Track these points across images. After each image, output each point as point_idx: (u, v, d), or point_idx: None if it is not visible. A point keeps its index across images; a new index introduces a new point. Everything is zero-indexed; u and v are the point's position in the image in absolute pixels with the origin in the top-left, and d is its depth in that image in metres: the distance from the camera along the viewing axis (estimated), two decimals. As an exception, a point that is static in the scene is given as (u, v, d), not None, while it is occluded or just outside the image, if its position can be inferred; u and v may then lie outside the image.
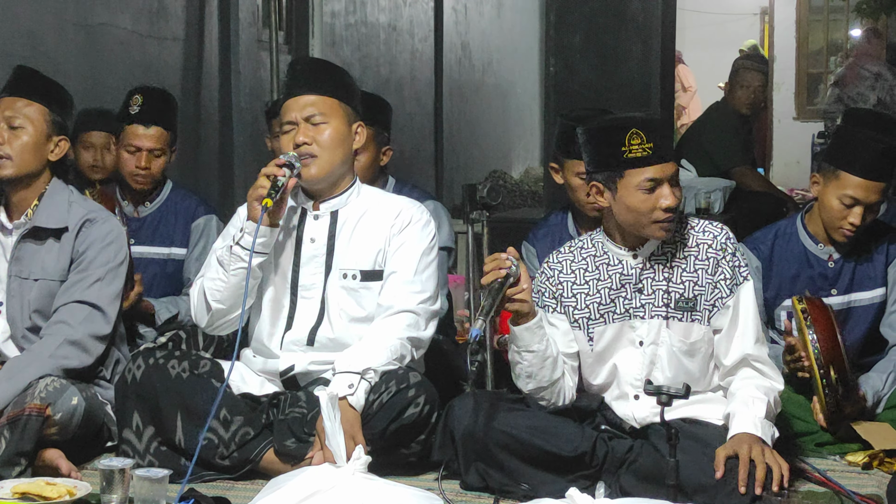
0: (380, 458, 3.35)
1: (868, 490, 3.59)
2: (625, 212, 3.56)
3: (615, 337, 3.64)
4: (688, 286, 3.60)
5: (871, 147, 4.17)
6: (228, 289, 3.75)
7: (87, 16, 6.73)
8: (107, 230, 3.96)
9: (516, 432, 3.53)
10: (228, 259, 3.72)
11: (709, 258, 3.61)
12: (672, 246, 3.64)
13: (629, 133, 3.50)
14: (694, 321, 3.60)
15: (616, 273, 3.65)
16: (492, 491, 3.54)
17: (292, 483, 2.89)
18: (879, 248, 4.33)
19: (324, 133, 3.78)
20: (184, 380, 3.74)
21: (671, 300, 3.60)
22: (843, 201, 4.17)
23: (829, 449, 4.03)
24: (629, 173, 3.51)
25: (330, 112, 3.81)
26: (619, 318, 3.63)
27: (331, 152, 3.79)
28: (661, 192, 3.51)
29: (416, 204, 3.99)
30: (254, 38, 8.39)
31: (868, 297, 4.34)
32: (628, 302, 3.63)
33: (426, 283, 3.84)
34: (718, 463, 3.31)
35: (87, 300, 3.88)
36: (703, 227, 3.66)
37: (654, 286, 3.62)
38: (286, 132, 3.81)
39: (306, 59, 4.01)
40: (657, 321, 3.61)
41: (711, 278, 3.60)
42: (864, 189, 4.14)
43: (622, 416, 3.65)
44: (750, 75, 7.57)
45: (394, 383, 3.67)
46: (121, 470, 3.31)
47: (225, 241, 3.83)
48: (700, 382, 3.62)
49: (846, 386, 3.97)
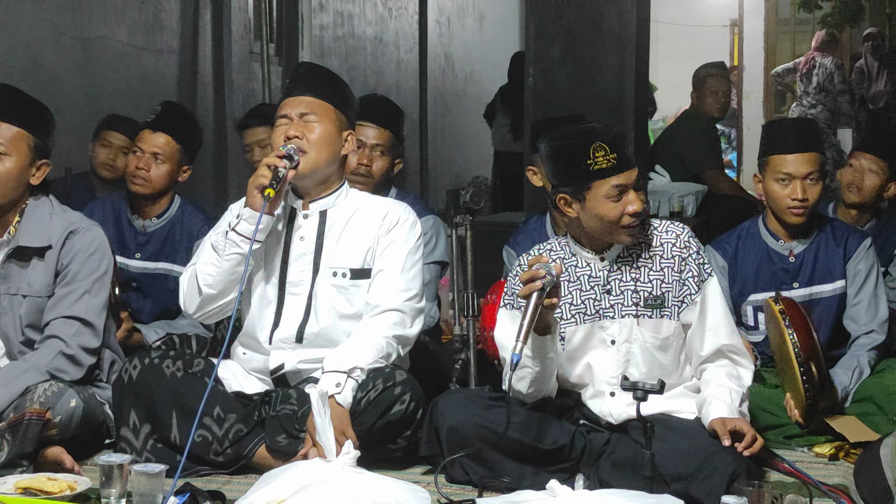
0: (368, 453, 3.35)
1: (835, 480, 3.60)
2: (594, 220, 3.56)
3: (586, 337, 3.64)
4: (655, 284, 3.61)
5: (786, 124, 4.35)
6: (221, 273, 3.74)
7: (84, 29, 6.72)
8: (89, 240, 3.90)
9: (498, 426, 3.53)
10: (223, 244, 3.71)
11: (674, 256, 3.62)
12: (638, 247, 3.64)
13: (593, 146, 3.50)
14: (664, 317, 3.61)
15: (585, 275, 3.65)
16: (475, 484, 3.53)
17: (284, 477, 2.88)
18: (838, 243, 4.39)
19: (314, 131, 3.79)
20: (178, 379, 3.73)
21: (640, 299, 3.61)
22: (780, 180, 4.29)
23: (797, 441, 4.05)
24: (596, 184, 3.51)
25: (323, 114, 3.81)
26: (590, 319, 3.63)
27: (318, 150, 3.79)
28: (628, 198, 3.52)
29: (403, 205, 3.99)
30: (246, 50, 8.40)
31: (829, 290, 4.39)
32: (598, 303, 3.63)
33: (412, 282, 3.84)
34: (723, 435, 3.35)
35: (76, 315, 3.84)
36: (665, 227, 3.68)
37: (622, 287, 3.62)
38: (279, 125, 3.82)
39: (310, 64, 4.03)
40: (628, 320, 3.61)
41: (678, 276, 3.61)
42: (792, 163, 4.27)
43: (599, 413, 3.64)
44: (716, 81, 7.60)
45: (381, 381, 3.67)
46: (119, 466, 3.31)
47: (218, 230, 3.82)
48: (673, 375, 3.63)
49: (823, 382, 4.00)
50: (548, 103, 5.80)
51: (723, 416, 3.44)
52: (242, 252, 3.69)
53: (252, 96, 8.31)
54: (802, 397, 3.99)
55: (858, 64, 12.83)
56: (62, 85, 6.52)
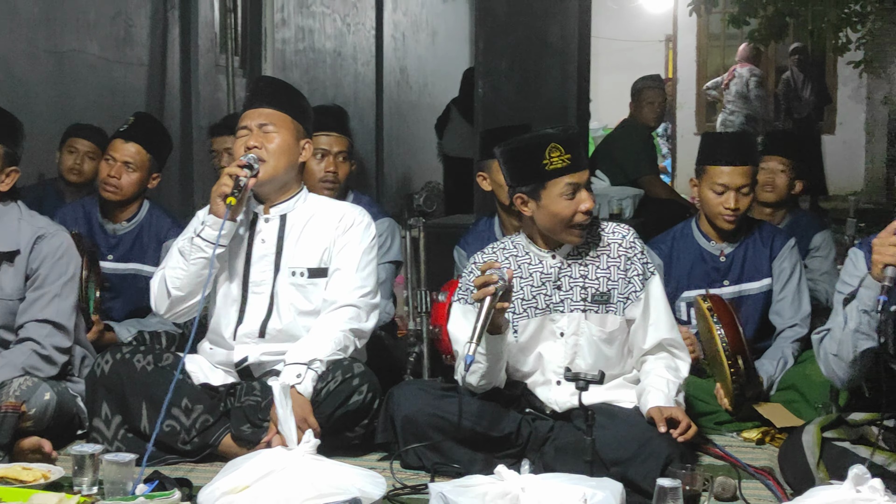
0: (327, 441, 3.34)
1: (761, 463, 3.63)
2: (548, 218, 3.57)
3: (538, 329, 3.65)
4: (602, 281, 3.63)
5: (726, 138, 4.43)
6: (188, 276, 3.73)
7: (57, 43, 6.66)
8: (57, 244, 3.85)
9: (449, 415, 3.54)
10: (189, 249, 3.71)
11: (620, 256, 3.64)
12: (586, 246, 3.66)
13: (549, 147, 3.52)
14: (609, 312, 3.62)
15: (537, 272, 3.66)
16: (428, 470, 3.53)
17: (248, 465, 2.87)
18: (765, 244, 4.43)
19: (273, 141, 3.78)
20: (148, 372, 3.71)
21: (588, 295, 3.62)
22: (716, 190, 4.33)
23: (727, 427, 4.08)
24: (551, 183, 3.53)
25: (281, 124, 3.80)
26: (541, 313, 3.64)
27: (277, 158, 3.78)
28: (581, 196, 3.54)
29: (358, 208, 3.99)
30: (212, 62, 8.35)
31: (756, 287, 4.43)
32: (548, 298, 3.64)
33: (367, 280, 3.84)
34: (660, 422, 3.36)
35: (47, 318, 3.80)
36: (612, 228, 3.70)
37: (571, 283, 3.63)
38: (240, 136, 3.80)
39: (269, 77, 3.99)
40: (577, 314, 3.62)
41: (624, 274, 3.63)
42: (727, 175, 4.30)
43: (545, 400, 3.66)
44: (653, 93, 7.64)
45: (340, 373, 3.67)
46: (91, 455, 3.29)
47: (185, 234, 3.80)
48: (616, 367, 3.65)
49: (749, 373, 4.03)
50: (497, 113, 5.81)
51: (660, 404, 3.46)
52: (207, 256, 3.68)
53: (218, 107, 8.26)
54: (730, 388, 4.03)
55: (785, 76, 12.97)
56: (36, 96, 6.46)
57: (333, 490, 2.73)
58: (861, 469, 2.68)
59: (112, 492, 3.17)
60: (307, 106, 3.99)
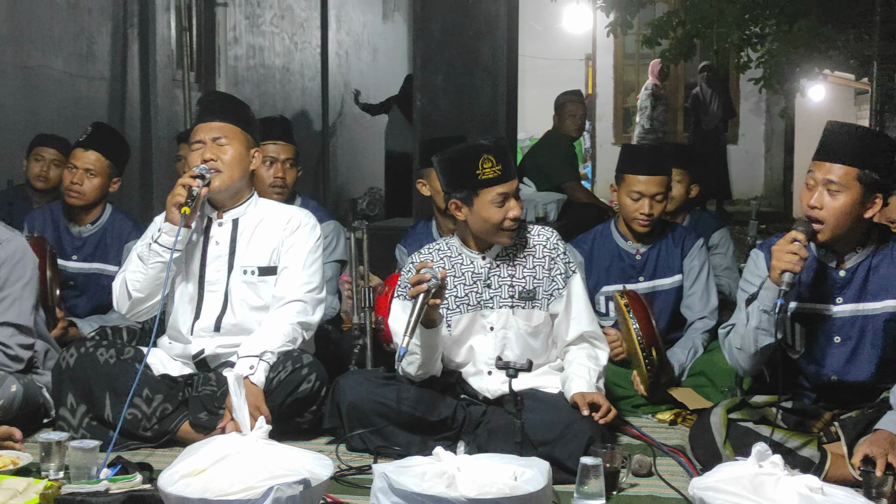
0: (278, 427, 3.31)
1: (674, 441, 3.67)
2: (480, 222, 3.58)
3: (469, 324, 3.65)
4: (528, 280, 3.64)
5: (644, 150, 4.50)
6: (147, 280, 3.70)
7: (24, 58, 6.57)
8: (13, 249, 3.76)
9: (391, 402, 3.53)
10: (147, 254, 3.68)
11: (544, 257, 3.65)
12: (514, 248, 3.67)
13: (481, 159, 3.52)
14: (535, 308, 3.63)
15: (468, 271, 3.66)
16: (371, 452, 3.53)
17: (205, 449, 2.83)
18: (676, 244, 4.47)
19: (227, 153, 3.75)
20: (111, 365, 3.67)
21: (515, 292, 3.63)
22: (632, 197, 4.36)
23: (642, 410, 4.11)
24: (483, 191, 3.53)
25: (233, 136, 3.77)
26: (472, 309, 3.64)
27: (231, 169, 3.76)
28: (510, 204, 3.54)
29: (305, 211, 3.98)
30: (169, 77, 8.26)
31: (668, 283, 4.46)
32: (479, 295, 3.64)
33: (313, 276, 3.82)
34: (582, 406, 3.39)
35: (10, 321, 3.73)
36: (537, 231, 3.71)
37: (500, 282, 3.64)
38: (195, 149, 3.77)
39: (216, 92, 3.90)
40: (505, 310, 3.63)
41: (548, 273, 3.64)
42: (643, 184, 4.33)
43: (478, 388, 3.66)
44: (574, 106, 7.68)
45: (290, 363, 3.66)
46: (58, 442, 3.25)
47: (144, 240, 3.75)
48: (541, 357, 3.66)
49: (661, 362, 4.07)
50: (433, 124, 5.82)
51: (582, 390, 3.48)
52: (164, 260, 3.65)
53: (175, 118, 8.19)
54: (645, 375, 4.07)
55: (695, 91, 13.11)
56: (5, 108, 6.37)
57: (284, 472, 2.70)
58: (763, 446, 2.72)
59: (77, 476, 3.13)
60: (253, 117, 3.96)
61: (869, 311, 3.31)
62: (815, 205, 3.22)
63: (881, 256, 3.32)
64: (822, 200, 3.21)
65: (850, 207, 3.20)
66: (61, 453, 3.24)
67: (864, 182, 3.19)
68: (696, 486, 2.69)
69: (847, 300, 3.33)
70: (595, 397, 3.45)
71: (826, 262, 3.34)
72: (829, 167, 3.21)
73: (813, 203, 3.22)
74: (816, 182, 3.23)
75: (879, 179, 3.20)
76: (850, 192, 3.19)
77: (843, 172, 3.19)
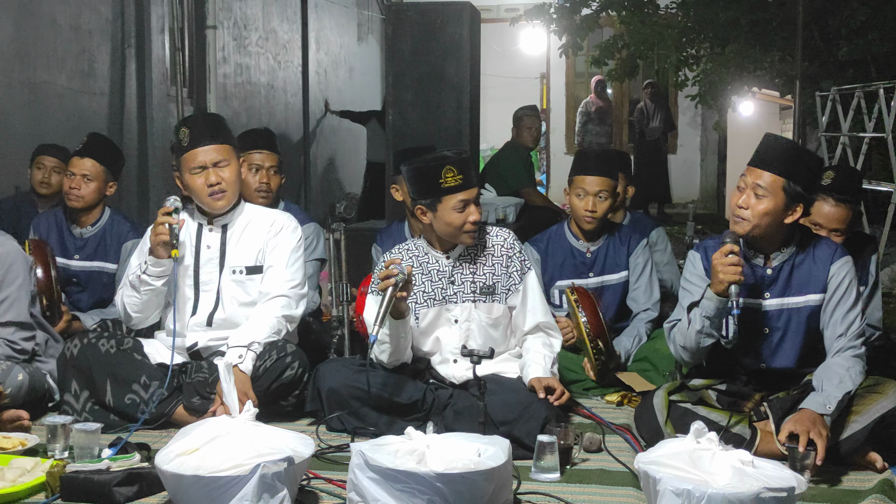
0: (264, 410, 3.31)
1: (621, 421, 3.69)
2: (444, 226, 3.58)
3: (435, 317, 3.65)
4: (488, 276, 3.64)
5: (588, 152, 4.50)
6: (142, 303, 3.71)
7: (30, 75, 6.50)
8: (4, 253, 3.68)
9: (366, 387, 3.52)
10: (139, 284, 3.67)
11: (502, 255, 3.66)
12: (475, 248, 3.67)
13: (444, 169, 3.52)
14: (495, 302, 3.64)
15: (434, 270, 3.66)
16: (349, 432, 3.52)
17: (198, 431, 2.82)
18: (623, 242, 4.50)
19: (228, 173, 3.73)
20: (112, 354, 3.64)
21: (477, 288, 3.63)
22: (578, 195, 4.38)
23: (592, 392, 4.13)
24: (446, 198, 3.53)
25: (228, 155, 3.74)
26: (438, 303, 3.64)
27: (234, 186, 3.76)
28: (470, 210, 3.54)
29: (287, 214, 3.96)
30: (164, 93, 8.20)
31: (616, 278, 4.48)
32: (444, 291, 3.64)
33: (295, 274, 3.81)
34: (539, 389, 3.40)
35: (11, 320, 3.68)
36: (496, 232, 3.71)
37: (462, 279, 3.64)
38: (196, 174, 3.71)
39: (202, 115, 3.73)
40: (468, 304, 3.63)
41: (506, 270, 3.65)
42: (588, 183, 4.35)
43: (444, 374, 3.66)
44: (531, 120, 7.70)
45: (275, 352, 3.64)
46: (63, 425, 3.24)
47: (139, 258, 3.70)
48: (501, 346, 3.67)
49: (608, 350, 4.09)
50: (404, 136, 5.81)
51: (539, 375, 3.49)
52: (154, 287, 3.65)
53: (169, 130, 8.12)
54: (594, 362, 4.08)
55: (639, 106, 13.18)
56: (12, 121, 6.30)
57: (270, 450, 2.69)
58: (700, 425, 2.73)
59: (81, 455, 3.12)
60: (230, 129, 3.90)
61: (793, 305, 3.35)
62: (743, 205, 3.26)
63: (803, 256, 3.36)
64: (749, 202, 3.25)
65: (772, 211, 3.23)
66: (66, 435, 3.22)
67: (787, 192, 3.22)
68: (641, 461, 2.70)
69: (774, 295, 3.36)
70: (550, 381, 3.46)
71: (755, 262, 3.37)
72: (759, 173, 3.24)
73: (741, 203, 3.26)
74: (747, 185, 3.26)
75: (801, 192, 3.23)
76: (773, 199, 3.23)
77: (772, 180, 3.22)
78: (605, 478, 3.11)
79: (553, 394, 3.42)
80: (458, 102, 5.88)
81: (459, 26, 5.86)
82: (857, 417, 3.16)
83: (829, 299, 3.30)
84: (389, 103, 5.98)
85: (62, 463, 2.99)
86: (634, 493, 2.94)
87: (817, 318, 3.33)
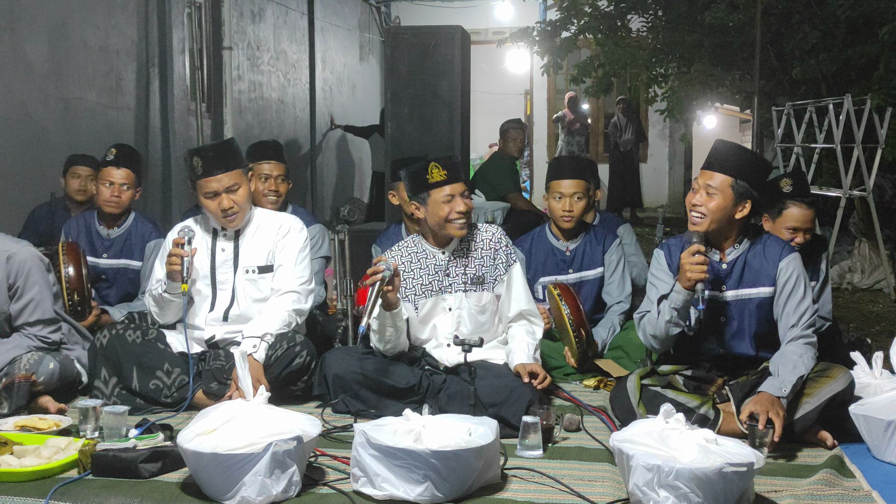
0: (276, 394, 3.30)
1: (597, 403, 3.68)
2: (433, 218, 3.58)
3: (432, 306, 3.65)
4: (478, 268, 3.65)
5: (564, 159, 4.54)
6: (165, 312, 3.74)
7: (64, 91, 6.49)
8: (21, 259, 3.61)
9: (368, 373, 3.51)
10: (160, 300, 3.69)
11: (491, 248, 3.67)
12: (467, 243, 3.67)
13: (430, 165, 3.54)
14: (483, 291, 3.64)
15: (431, 264, 3.66)
16: (352, 414, 3.51)
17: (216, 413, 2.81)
18: (598, 241, 4.50)
19: (239, 196, 3.70)
20: (137, 344, 3.64)
21: (468, 279, 3.63)
22: (556, 197, 4.39)
23: (572, 377, 4.13)
24: (434, 192, 3.55)
25: (239, 179, 3.71)
26: (434, 294, 3.64)
27: (246, 205, 3.75)
28: (455, 201, 3.56)
29: (294, 217, 3.95)
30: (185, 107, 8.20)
31: (592, 274, 4.48)
32: (440, 282, 3.64)
33: (303, 271, 3.80)
34: (523, 374, 3.40)
35: (39, 319, 3.65)
36: (485, 228, 3.73)
37: (456, 271, 3.65)
38: (209, 198, 3.69)
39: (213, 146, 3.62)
40: (460, 294, 3.63)
41: (493, 261, 3.65)
42: (564, 186, 4.37)
43: (438, 359, 3.66)
44: (515, 132, 7.69)
45: (285, 342, 3.63)
46: (93, 407, 3.22)
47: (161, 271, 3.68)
48: (490, 332, 3.67)
49: (589, 339, 4.09)
50: (401, 147, 5.81)
51: (523, 361, 3.49)
52: (173, 301, 3.66)
53: (189, 141, 8.12)
54: (575, 351, 4.08)
55: (613, 119, 13.19)
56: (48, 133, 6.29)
57: (281, 430, 2.69)
58: (669, 407, 2.74)
59: (110, 435, 3.10)
60: (237, 147, 3.84)
61: (746, 296, 3.36)
62: (697, 203, 3.29)
63: (754, 252, 3.37)
64: (702, 200, 3.28)
65: (723, 207, 3.26)
66: (96, 417, 3.21)
67: (735, 189, 3.25)
68: (616, 439, 2.70)
69: (730, 287, 3.37)
70: (533, 367, 3.46)
71: (711, 257, 3.37)
72: (710, 174, 3.28)
73: (695, 202, 3.30)
74: (700, 186, 3.30)
75: (748, 188, 3.25)
76: (723, 196, 3.26)
77: (721, 180, 3.25)
78: (583, 454, 3.11)
79: (536, 378, 3.42)
80: (450, 116, 5.87)
81: (451, 48, 5.85)
82: (809, 399, 3.17)
83: (780, 292, 3.31)
84: (388, 117, 5.98)
85: (93, 442, 2.97)
86: (610, 468, 2.94)
87: (769, 309, 3.34)
